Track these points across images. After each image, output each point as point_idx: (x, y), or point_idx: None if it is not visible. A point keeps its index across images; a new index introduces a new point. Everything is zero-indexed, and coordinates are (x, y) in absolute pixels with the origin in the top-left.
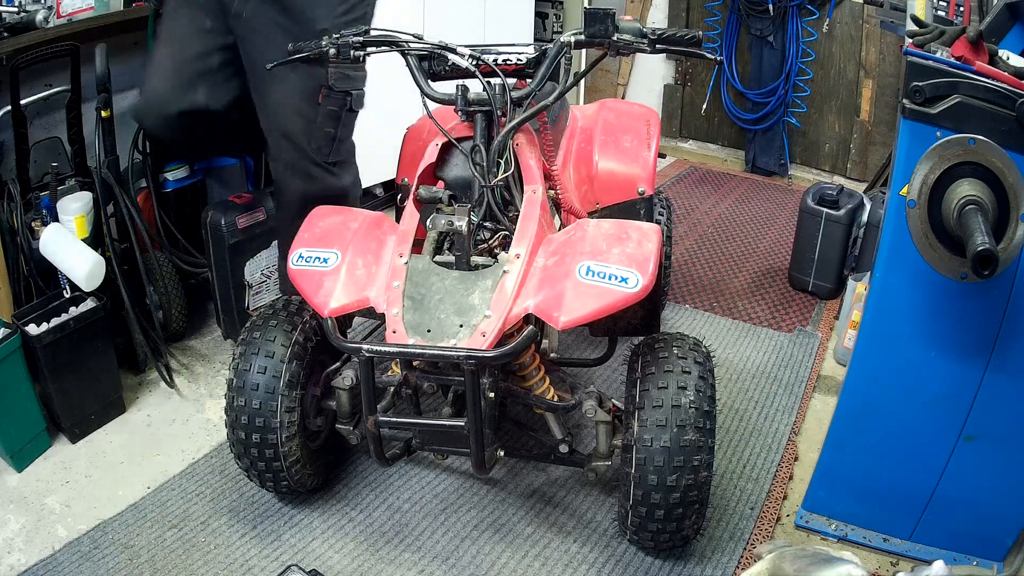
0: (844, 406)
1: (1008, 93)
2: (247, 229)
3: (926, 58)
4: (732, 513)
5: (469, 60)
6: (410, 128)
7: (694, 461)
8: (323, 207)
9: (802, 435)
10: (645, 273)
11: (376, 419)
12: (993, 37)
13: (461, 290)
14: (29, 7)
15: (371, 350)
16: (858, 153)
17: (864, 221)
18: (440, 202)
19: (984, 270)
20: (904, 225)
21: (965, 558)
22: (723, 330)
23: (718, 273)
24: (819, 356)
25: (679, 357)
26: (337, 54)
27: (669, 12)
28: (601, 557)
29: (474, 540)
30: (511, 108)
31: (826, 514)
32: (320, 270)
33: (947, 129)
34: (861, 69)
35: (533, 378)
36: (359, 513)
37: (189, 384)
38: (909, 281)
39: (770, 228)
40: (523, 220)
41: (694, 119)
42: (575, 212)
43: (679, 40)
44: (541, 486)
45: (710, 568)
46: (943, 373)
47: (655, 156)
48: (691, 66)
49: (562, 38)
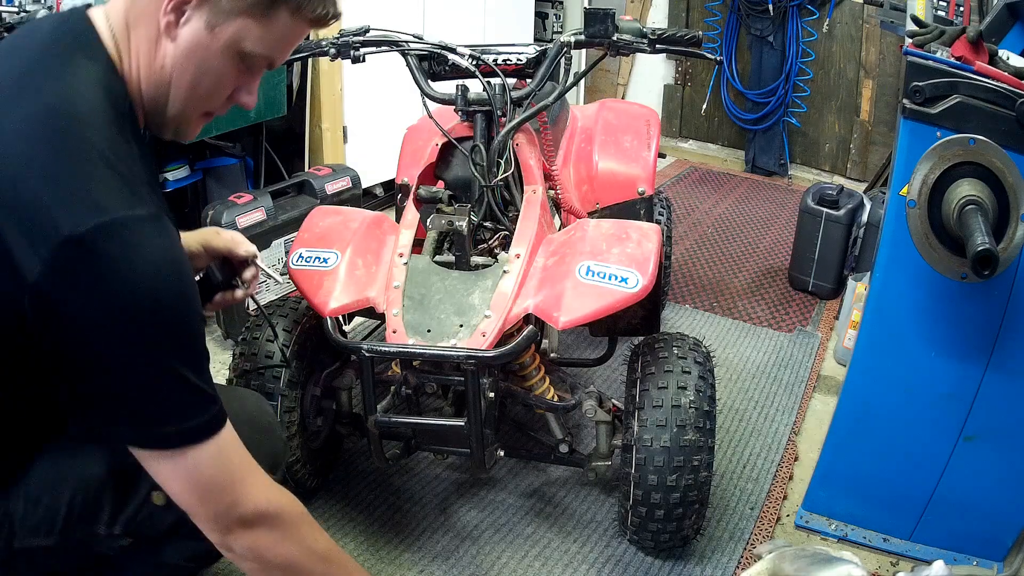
0: (844, 406)
1: (1008, 93)
2: (247, 229)
3: (926, 58)
4: (732, 513)
5: (469, 60)
6: (410, 128)
7: (694, 461)
8: (323, 207)
9: (802, 435)
10: (645, 273)
11: (376, 419)
12: (993, 37)
13: (461, 290)
14: (29, 7)
15: (371, 350)
16: (858, 153)
17: (864, 221)
18: (440, 202)
19: (984, 270)
20: (904, 225)
21: (965, 558)
22: (723, 330)
23: (718, 273)
24: (819, 356)
25: (679, 357)
26: (337, 54)
27: (669, 12)
28: (601, 557)
29: (474, 540)
30: (511, 108)
31: (826, 514)
32: (320, 270)
33: (947, 129)
34: (861, 69)
35: (533, 378)
36: (359, 513)
37: None
38: (909, 281)
39: (770, 228)
40: (523, 220)
41: (694, 119)
42: (575, 212)
43: (679, 40)
44: (541, 486)
45: (710, 568)
46: (943, 373)
47: (655, 156)
48: (691, 66)
49: (562, 38)
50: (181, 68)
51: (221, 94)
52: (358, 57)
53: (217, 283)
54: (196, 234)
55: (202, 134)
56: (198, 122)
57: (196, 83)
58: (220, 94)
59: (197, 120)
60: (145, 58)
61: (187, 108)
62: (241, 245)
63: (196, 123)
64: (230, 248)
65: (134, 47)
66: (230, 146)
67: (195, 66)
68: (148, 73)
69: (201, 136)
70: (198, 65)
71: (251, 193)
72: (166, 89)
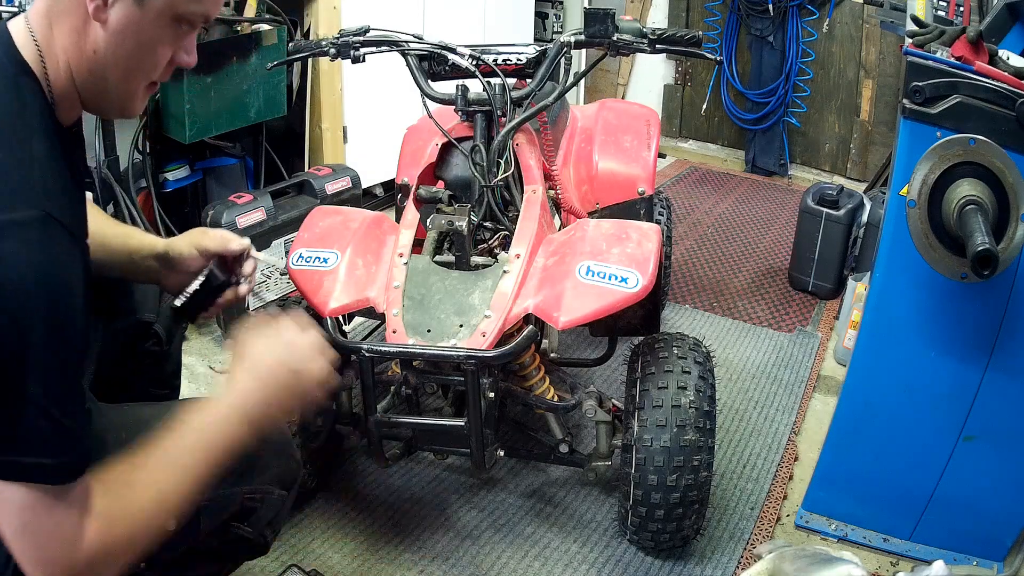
0: (844, 406)
1: (1008, 93)
2: (247, 229)
3: (926, 58)
4: (732, 513)
5: (469, 60)
6: (410, 128)
7: (694, 461)
8: (323, 207)
9: (802, 435)
10: (645, 273)
11: (376, 419)
12: (993, 37)
13: (461, 290)
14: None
15: (371, 350)
16: (858, 153)
17: (864, 221)
18: (440, 202)
19: (984, 270)
20: (904, 225)
21: (965, 558)
22: (723, 330)
23: (718, 273)
24: (819, 356)
25: (679, 357)
26: (337, 54)
27: (669, 12)
28: (601, 557)
29: (474, 540)
30: (511, 108)
31: (826, 514)
32: (320, 270)
33: (947, 129)
34: (861, 69)
35: (533, 378)
36: (359, 513)
37: (189, 384)
38: (909, 281)
39: (770, 228)
40: (523, 220)
41: (694, 119)
42: (575, 212)
43: (679, 40)
44: (541, 486)
45: (710, 568)
46: (943, 373)
47: (655, 156)
48: (691, 66)
49: (562, 38)
50: (116, 48)
51: (161, 62)
52: (358, 57)
53: (220, 283)
54: (184, 237)
55: (202, 134)
56: (144, 95)
57: (135, 58)
58: (160, 62)
59: (143, 93)
60: (73, 49)
61: (130, 84)
62: (233, 240)
63: (142, 96)
64: (223, 245)
65: (58, 42)
66: (230, 146)
67: (131, 42)
68: (78, 62)
69: (201, 136)
70: (134, 40)
71: (251, 193)
72: (103, 72)
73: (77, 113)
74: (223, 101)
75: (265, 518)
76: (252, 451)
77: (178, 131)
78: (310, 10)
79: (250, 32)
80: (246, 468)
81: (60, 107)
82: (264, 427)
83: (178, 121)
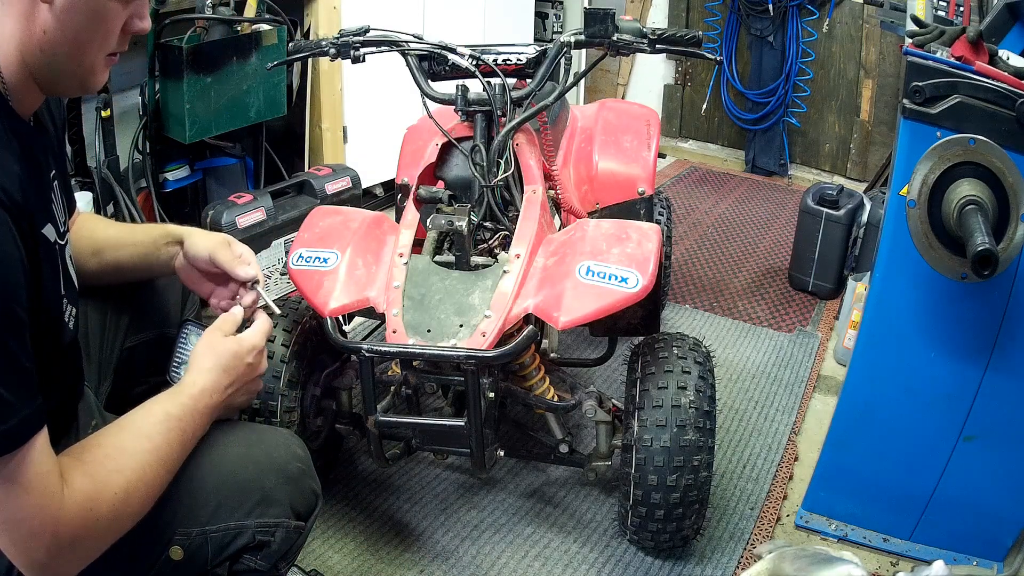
0: (844, 406)
1: (1008, 93)
2: (247, 229)
3: (926, 58)
4: (732, 513)
5: (469, 60)
6: (410, 128)
7: (694, 461)
8: (323, 207)
9: (802, 435)
10: (645, 273)
11: (376, 419)
12: (993, 37)
13: (461, 290)
14: None
15: (371, 350)
16: (858, 153)
17: (864, 221)
18: (440, 202)
19: (984, 270)
20: (904, 225)
21: (965, 558)
22: (723, 330)
23: (718, 273)
24: (819, 356)
25: (679, 357)
26: (337, 54)
27: (669, 12)
28: (601, 557)
29: (474, 540)
30: (511, 108)
31: (826, 514)
32: (320, 270)
33: (947, 129)
34: (861, 69)
35: (533, 378)
36: (359, 513)
37: None
38: (909, 281)
39: (770, 228)
40: (523, 220)
41: (694, 119)
42: (575, 212)
43: (679, 40)
44: (541, 486)
45: (710, 568)
46: (943, 373)
47: (655, 156)
48: (691, 66)
49: (562, 38)
50: (65, 24)
51: (114, 31)
52: (358, 57)
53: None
54: (211, 239)
55: (202, 134)
56: (104, 67)
57: (87, 31)
58: (113, 31)
59: (102, 66)
60: (23, 34)
61: (88, 59)
62: (240, 268)
63: (102, 69)
64: (230, 268)
65: (6, 31)
66: (230, 146)
67: (80, 16)
68: (29, 46)
69: (202, 136)
70: (83, 13)
71: (251, 193)
72: (54, 51)
73: (36, 103)
74: (223, 101)
75: (279, 552)
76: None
77: (178, 131)
78: (310, 10)
79: (250, 32)
80: (258, 500)
81: (15, 97)
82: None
83: (178, 121)
